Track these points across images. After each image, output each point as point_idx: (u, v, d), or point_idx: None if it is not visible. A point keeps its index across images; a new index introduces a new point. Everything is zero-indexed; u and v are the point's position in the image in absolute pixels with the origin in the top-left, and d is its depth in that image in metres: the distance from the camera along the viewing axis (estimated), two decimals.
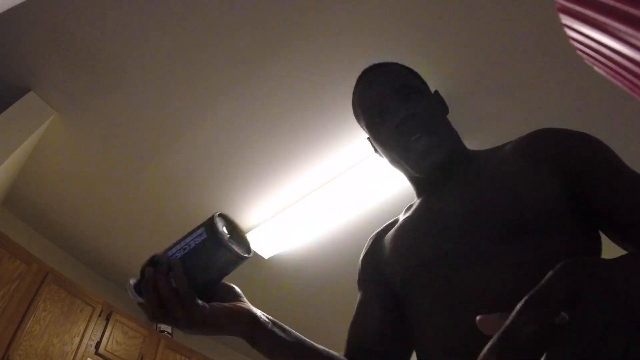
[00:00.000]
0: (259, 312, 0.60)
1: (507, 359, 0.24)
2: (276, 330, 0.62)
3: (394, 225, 0.81)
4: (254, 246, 2.65)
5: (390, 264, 0.73)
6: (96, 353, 2.38)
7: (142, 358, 2.61)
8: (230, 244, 0.54)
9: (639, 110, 1.98)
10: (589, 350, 0.23)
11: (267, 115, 2.10)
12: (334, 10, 1.73)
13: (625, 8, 0.36)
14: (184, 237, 0.56)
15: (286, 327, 0.64)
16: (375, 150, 0.83)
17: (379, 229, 0.86)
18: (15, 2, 1.35)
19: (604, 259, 0.29)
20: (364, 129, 0.83)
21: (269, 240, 2.62)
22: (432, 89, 0.86)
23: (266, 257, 2.74)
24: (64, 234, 2.75)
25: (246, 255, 0.57)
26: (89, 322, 2.42)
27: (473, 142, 2.20)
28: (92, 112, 2.10)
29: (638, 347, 0.23)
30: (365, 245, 0.86)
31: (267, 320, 0.61)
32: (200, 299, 0.54)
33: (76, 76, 1.95)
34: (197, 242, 0.54)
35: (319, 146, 2.22)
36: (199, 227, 0.56)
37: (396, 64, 0.80)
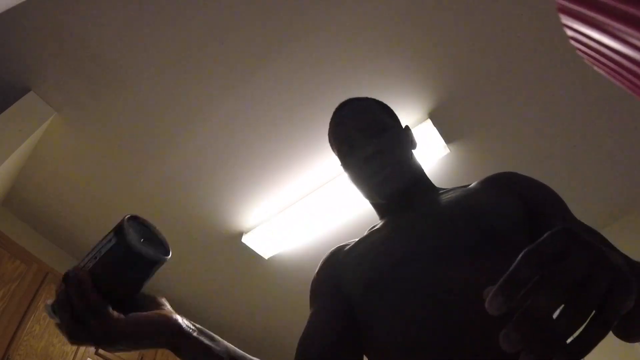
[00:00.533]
0: (184, 321, 0.57)
1: (510, 295, 0.31)
2: (203, 339, 0.58)
3: (355, 244, 0.82)
4: (254, 246, 2.65)
5: (351, 271, 0.75)
6: (96, 353, 2.39)
7: (142, 358, 2.61)
8: (140, 246, 0.50)
9: (639, 110, 1.98)
10: (575, 288, 0.30)
11: (266, 116, 2.10)
12: (333, 12, 1.73)
13: (625, 8, 0.36)
14: (95, 245, 0.52)
15: (216, 336, 0.61)
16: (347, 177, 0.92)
17: (336, 247, 0.88)
18: (15, 2, 1.35)
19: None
20: (338, 159, 0.91)
21: (269, 240, 2.62)
22: (433, 89, 0.87)
23: (266, 257, 2.74)
24: (64, 234, 2.76)
25: (161, 257, 0.53)
26: None
27: (473, 143, 2.20)
28: (92, 112, 2.10)
29: (619, 288, 0.31)
30: (321, 262, 0.86)
31: (193, 328, 0.58)
32: (120, 311, 0.51)
33: (76, 76, 1.95)
34: (106, 249, 0.50)
35: (318, 146, 2.22)
36: (109, 233, 0.51)
37: (368, 100, 0.88)
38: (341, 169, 2.19)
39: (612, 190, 2.42)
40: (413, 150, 0.86)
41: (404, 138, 0.83)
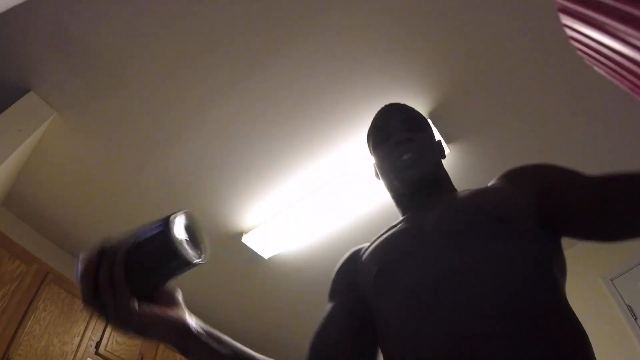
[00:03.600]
0: (193, 322, 0.58)
1: None
2: (210, 342, 0.58)
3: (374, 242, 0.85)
4: (254, 246, 2.65)
5: (365, 267, 0.77)
6: (96, 353, 2.38)
7: (142, 358, 2.61)
8: (180, 244, 0.50)
9: (639, 110, 1.98)
10: None
11: (267, 116, 2.10)
12: (332, 12, 1.73)
13: (625, 8, 0.36)
14: (143, 226, 0.52)
15: (224, 338, 0.61)
16: (376, 173, 0.95)
17: (357, 247, 0.89)
18: (15, 2, 1.35)
19: None
20: (370, 152, 0.95)
21: (269, 240, 2.62)
22: (433, 89, 0.90)
23: (266, 257, 2.74)
24: (64, 234, 2.75)
25: (194, 261, 0.53)
26: (89, 322, 2.42)
27: (472, 143, 2.20)
28: (92, 112, 2.10)
29: None
30: (340, 260, 0.88)
31: (201, 331, 0.58)
32: (139, 297, 0.52)
33: (76, 76, 1.95)
34: (150, 235, 0.51)
35: (319, 146, 2.22)
36: (158, 220, 0.52)
37: (410, 107, 0.94)
38: (349, 163, 2.24)
39: None
40: (442, 160, 0.91)
41: (436, 145, 0.90)
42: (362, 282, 0.76)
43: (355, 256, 0.85)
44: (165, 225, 0.51)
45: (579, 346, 0.55)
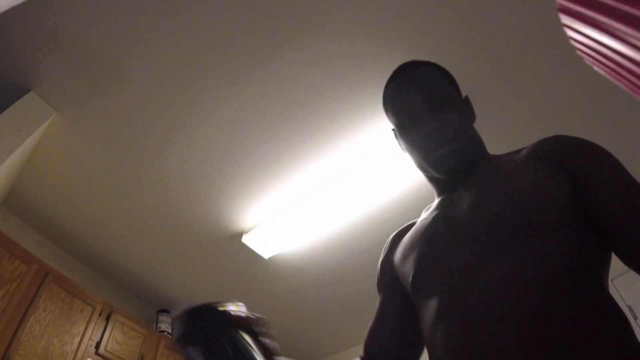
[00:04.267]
0: None
1: None
2: None
3: (411, 228, 0.84)
4: (254, 246, 2.65)
5: (403, 266, 0.77)
6: (96, 353, 2.38)
7: (142, 358, 2.61)
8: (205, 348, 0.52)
9: (639, 110, 1.98)
10: None
11: (267, 115, 2.10)
12: (333, 12, 1.73)
13: (625, 8, 0.36)
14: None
15: None
16: (400, 146, 0.88)
17: (397, 231, 0.89)
18: (15, 2, 1.34)
19: None
20: (392, 124, 0.87)
21: (269, 240, 2.62)
22: None
23: (266, 257, 2.74)
24: (64, 234, 2.75)
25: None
26: (89, 322, 2.42)
27: None
28: (92, 112, 2.10)
29: None
30: (384, 248, 0.89)
31: None
32: None
33: (76, 76, 1.95)
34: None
35: (319, 146, 2.22)
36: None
37: (433, 66, 0.83)
38: (349, 163, 2.24)
39: None
40: (472, 120, 0.84)
41: (465, 110, 0.82)
42: (402, 279, 0.77)
43: (395, 245, 0.85)
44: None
45: (623, 342, 0.53)
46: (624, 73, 0.45)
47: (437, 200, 0.82)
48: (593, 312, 0.54)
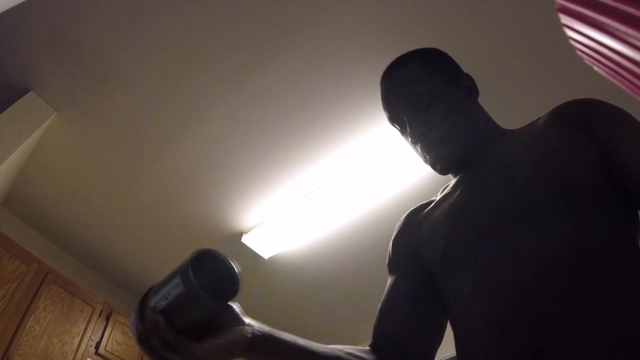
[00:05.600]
0: (252, 333, 0.58)
1: None
2: (272, 346, 0.60)
3: (429, 205, 0.81)
4: (254, 246, 2.65)
5: (427, 240, 0.73)
6: (96, 353, 2.38)
7: (142, 358, 2.61)
8: (207, 294, 0.50)
9: (639, 110, 1.98)
10: None
11: (267, 116, 2.10)
12: (334, 11, 1.73)
13: (625, 8, 0.36)
14: (163, 284, 0.53)
15: (283, 338, 0.62)
16: None
17: (412, 209, 0.85)
18: (15, 2, 1.35)
19: None
20: None
21: (269, 240, 2.62)
22: None
23: (266, 257, 2.74)
24: (64, 234, 2.75)
25: (224, 303, 0.54)
26: (89, 322, 2.42)
27: None
28: (92, 112, 2.10)
29: None
30: (396, 226, 0.85)
31: (261, 340, 0.59)
32: (197, 335, 0.53)
33: (76, 76, 1.95)
34: (175, 293, 0.51)
35: (318, 146, 2.22)
36: (175, 275, 0.52)
37: (411, 61, 0.83)
38: (348, 162, 2.23)
39: None
40: (472, 104, 0.81)
41: (455, 99, 0.78)
42: (426, 256, 0.72)
43: (412, 221, 0.81)
44: (186, 279, 0.50)
45: None
46: (624, 73, 0.45)
47: (455, 179, 0.78)
48: (634, 287, 0.52)
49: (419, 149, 0.77)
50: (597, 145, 0.62)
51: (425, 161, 0.78)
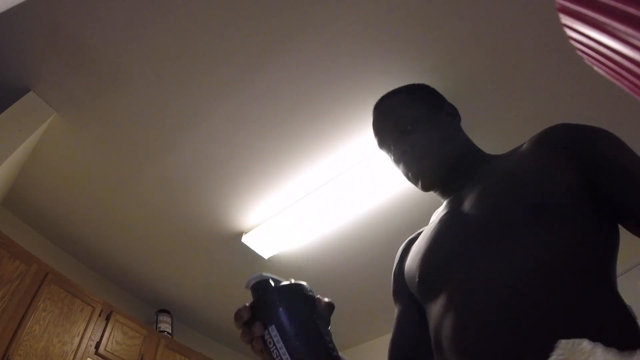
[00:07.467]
0: None
1: None
2: None
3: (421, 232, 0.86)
4: (254, 246, 2.65)
5: (409, 268, 0.78)
6: (96, 353, 2.38)
7: (142, 358, 2.61)
8: (285, 298, 0.52)
9: (639, 110, 1.98)
10: None
11: (266, 116, 2.10)
12: (334, 11, 1.73)
13: (625, 8, 0.36)
14: (268, 345, 0.51)
15: None
16: None
17: (408, 239, 0.90)
18: (15, 2, 1.35)
19: None
20: None
21: (269, 240, 2.62)
22: (435, 89, 0.90)
23: (266, 257, 2.74)
24: (64, 234, 2.75)
25: (302, 283, 0.57)
26: (89, 322, 2.42)
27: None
28: (92, 112, 2.10)
29: None
30: (396, 257, 0.90)
31: None
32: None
33: (76, 76, 1.95)
34: (280, 338, 0.51)
35: (318, 146, 2.22)
36: (266, 326, 0.51)
37: (400, 95, 0.89)
38: (348, 163, 2.24)
39: None
40: (454, 128, 0.86)
41: (437, 123, 0.84)
42: (410, 283, 0.78)
43: (406, 253, 0.86)
44: (273, 319, 0.51)
45: (628, 332, 0.52)
46: (624, 73, 0.45)
47: (442, 205, 0.84)
48: (592, 306, 0.54)
49: (401, 167, 0.83)
50: (580, 167, 0.64)
51: (409, 179, 0.84)
